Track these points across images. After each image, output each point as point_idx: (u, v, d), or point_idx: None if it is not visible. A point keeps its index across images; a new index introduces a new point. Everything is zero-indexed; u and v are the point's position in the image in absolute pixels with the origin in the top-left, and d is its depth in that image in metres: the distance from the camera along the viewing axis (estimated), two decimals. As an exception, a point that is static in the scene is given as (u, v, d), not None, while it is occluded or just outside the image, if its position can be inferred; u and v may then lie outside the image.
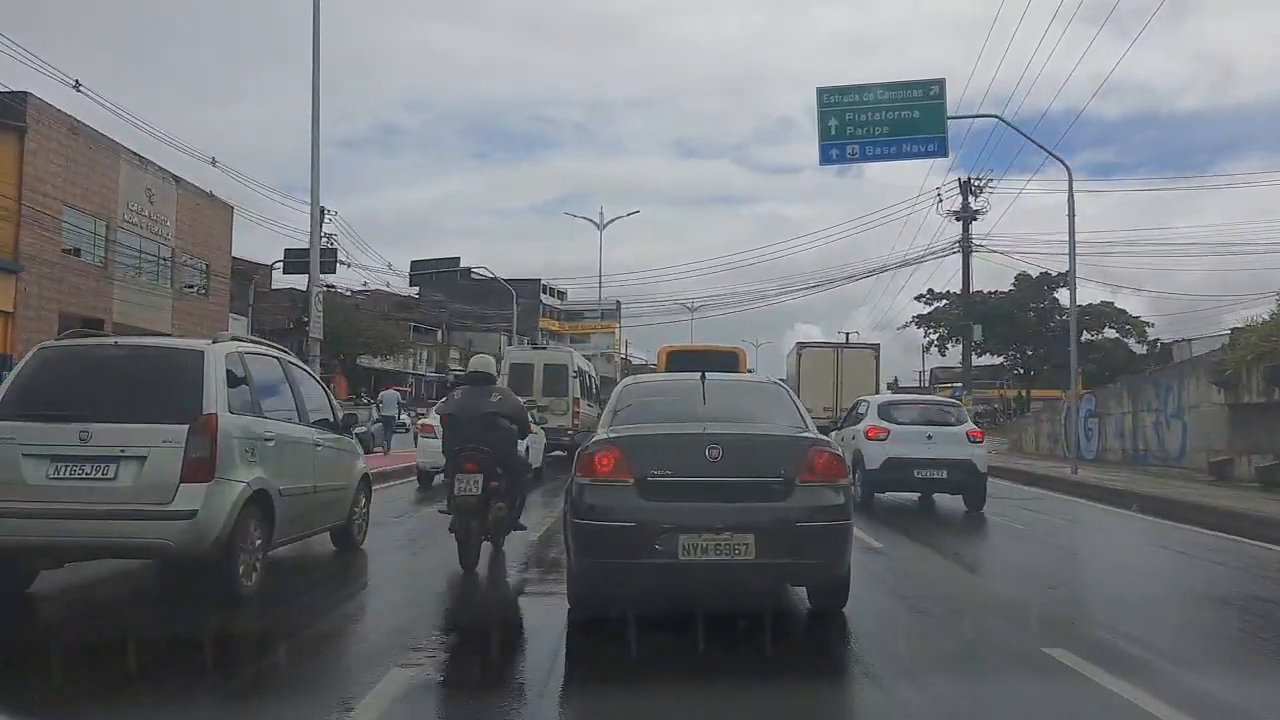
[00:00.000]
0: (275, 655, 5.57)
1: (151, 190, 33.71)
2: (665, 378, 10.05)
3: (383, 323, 55.83)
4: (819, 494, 5.86)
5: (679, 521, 5.63)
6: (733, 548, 5.58)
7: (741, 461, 5.92)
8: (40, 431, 6.43)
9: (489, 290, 66.95)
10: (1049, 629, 6.30)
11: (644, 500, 5.74)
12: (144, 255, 33.66)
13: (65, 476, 6.32)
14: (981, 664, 5.70)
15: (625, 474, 5.81)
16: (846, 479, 6.19)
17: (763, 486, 5.83)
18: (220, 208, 38.60)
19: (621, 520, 5.70)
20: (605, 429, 6.57)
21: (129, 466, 6.34)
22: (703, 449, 5.89)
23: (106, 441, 6.36)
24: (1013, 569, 9.63)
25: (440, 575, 8.09)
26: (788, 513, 5.73)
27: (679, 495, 5.78)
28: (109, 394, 6.62)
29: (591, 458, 5.96)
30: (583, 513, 5.85)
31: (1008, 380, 66.17)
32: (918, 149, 20.27)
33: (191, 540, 6.34)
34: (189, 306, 36.63)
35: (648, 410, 6.86)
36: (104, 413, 6.48)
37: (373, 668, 5.13)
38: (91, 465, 6.35)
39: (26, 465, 6.32)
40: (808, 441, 6.19)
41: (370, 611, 7.21)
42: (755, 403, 7.16)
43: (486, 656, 5.63)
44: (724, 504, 5.74)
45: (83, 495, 6.27)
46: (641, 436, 6.21)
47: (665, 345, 26.90)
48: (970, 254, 40.54)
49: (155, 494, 6.31)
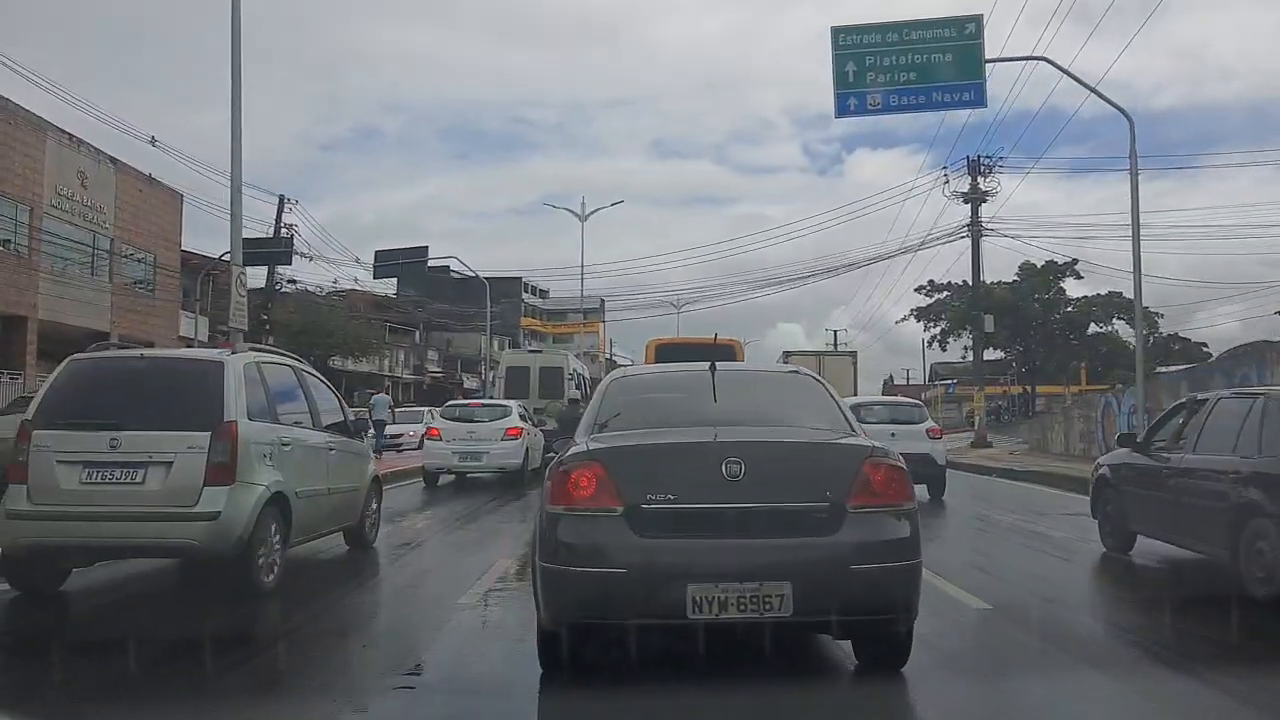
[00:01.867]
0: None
1: (85, 173, 30.52)
2: (663, 370, 7.79)
3: (354, 322, 53.00)
4: (879, 523, 4.50)
5: (687, 566, 4.35)
6: (762, 601, 4.29)
7: (772, 480, 4.55)
8: (73, 439, 6.86)
9: (470, 290, 64.12)
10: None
11: (638, 537, 4.43)
12: (77, 245, 30.46)
13: (97, 481, 6.80)
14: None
15: (612, 500, 4.49)
16: (913, 500, 4.70)
17: (802, 515, 4.49)
18: (168, 195, 35.38)
19: (607, 565, 4.40)
20: (585, 437, 5.13)
21: (156, 471, 6.80)
22: (718, 464, 4.52)
23: (134, 448, 6.81)
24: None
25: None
26: (838, 551, 4.38)
27: (686, 529, 4.46)
28: (136, 403, 7.08)
29: (566, 478, 4.60)
30: (554, 554, 4.52)
31: (1012, 376, 63.56)
32: (950, 98, 17.35)
33: (215, 540, 6.77)
34: (132, 303, 33.45)
35: (642, 413, 5.43)
36: (132, 421, 6.91)
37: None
38: (121, 470, 6.81)
39: (61, 471, 6.82)
40: (861, 450, 4.74)
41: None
42: (783, 400, 5.72)
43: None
44: (749, 541, 4.43)
45: (113, 498, 6.76)
46: (634, 448, 4.83)
47: (653, 338, 24.71)
48: (980, 238, 37.57)
49: (181, 497, 6.77)
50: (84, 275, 31.06)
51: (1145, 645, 5.91)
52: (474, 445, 16.67)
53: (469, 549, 10.22)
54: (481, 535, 11.42)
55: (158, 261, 34.97)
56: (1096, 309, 57.50)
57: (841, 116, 17.41)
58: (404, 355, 67.72)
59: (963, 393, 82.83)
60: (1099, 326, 58.97)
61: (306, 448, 8.09)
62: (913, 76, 16.99)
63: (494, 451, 16.76)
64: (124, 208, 32.53)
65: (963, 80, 16.96)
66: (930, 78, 16.99)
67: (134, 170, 33.14)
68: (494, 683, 5.11)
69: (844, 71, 17.18)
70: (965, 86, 17.07)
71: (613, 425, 5.21)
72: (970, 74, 16.91)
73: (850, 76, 17.16)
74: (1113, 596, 8.06)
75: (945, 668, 5.22)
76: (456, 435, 16.92)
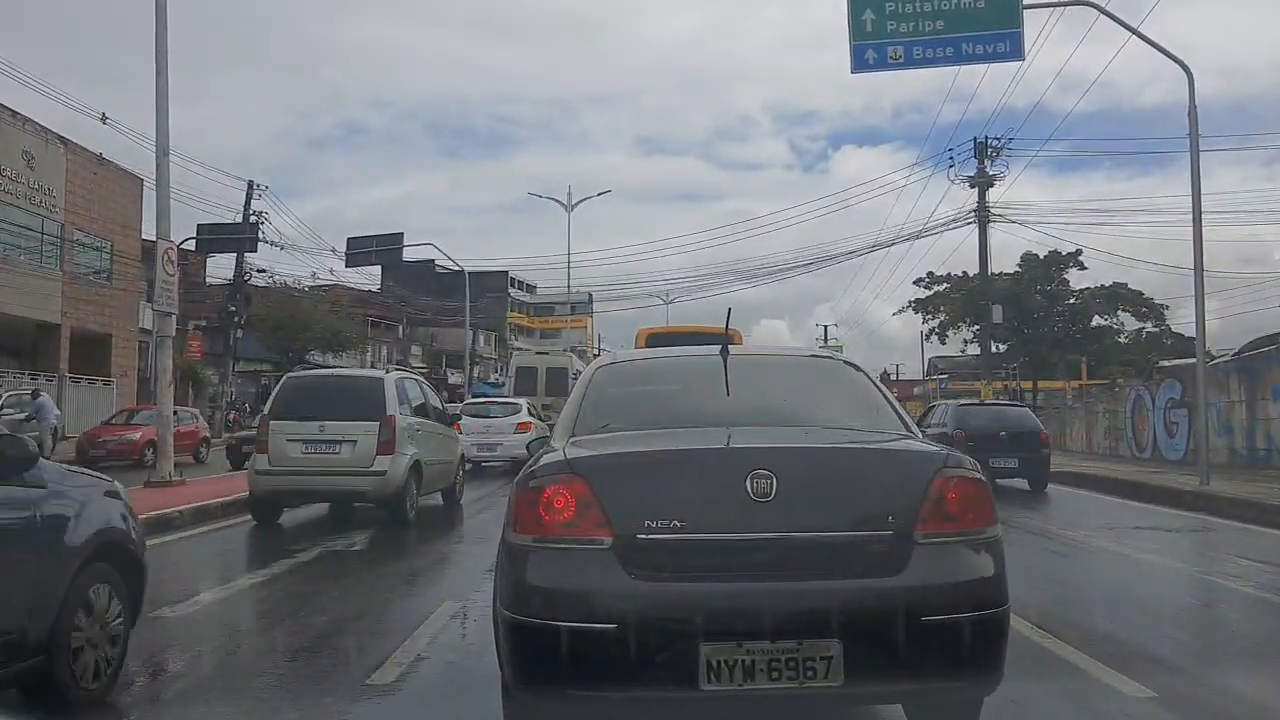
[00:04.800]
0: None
1: (31, 153, 28.34)
2: (662, 355, 6.09)
3: (333, 316, 50.91)
4: (957, 557, 3.30)
5: (700, 620, 3.15)
6: (802, 666, 3.11)
7: (813, 500, 3.32)
8: (296, 427, 11.14)
9: (455, 284, 62.09)
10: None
11: (633, 579, 3.25)
12: (22, 230, 28.26)
13: (311, 453, 11.06)
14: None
15: (598, 527, 3.29)
16: (997, 525, 3.46)
17: (856, 548, 3.28)
18: (126, 180, 33.21)
19: (592, 619, 3.19)
20: (563, 440, 3.92)
21: (347, 446, 11.04)
22: (741, 478, 3.29)
23: (334, 432, 11.06)
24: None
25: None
26: (904, 597, 3.16)
27: (698, 569, 3.27)
28: (333, 404, 11.34)
29: (537, 496, 3.41)
30: (521, 602, 3.34)
31: (1015, 370, 61.82)
32: (982, 49, 15.19)
33: (382, 489, 11.00)
34: (86, 293, 31.31)
35: (637, 409, 4.27)
36: (331, 414, 11.18)
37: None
38: (326, 445, 11.07)
39: (289, 446, 11.09)
40: (932, 459, 3.51)
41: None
42: (817, 393, 4.47)
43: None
44: (783, 584, 3.23)
45: (321, 463, 11.01)
46: (628, 457, 3.60)
47: (644, 326, 24.13)
48: (987, 224, 35.63)
49: (362, 462, 10.97)
50: (31, 263, 28.89)
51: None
52: (490, 438, 19.02)
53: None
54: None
55: (115, 249, 32.80)
56: (1100, 300, 55.70)
57: (859, 72, 15.27)
58: (387, 350, 65.97)
59: (957, 387, 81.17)
60: (1102, 319, 57.20)
61: (428, 432, 12.29)
62: (940, 25, 14.87)
63: (507, 443, 18.84)
64: (75, 191, 30.41)
65: (997, 29, 14.90)
66: (960, 26, 14.85)
67: (86, 151, 30.99)
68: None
69: (861, 20, 15.07)
70: (1000, 36, 14.93)
71: (599, 426, 4.06)
72: (1006, 21, 14.77)
73: (868, 26, 15.04)
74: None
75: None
76: (475, 430, 18.76)
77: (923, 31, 14.98)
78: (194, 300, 41.12)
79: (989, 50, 15.20)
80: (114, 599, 4.58)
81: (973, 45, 15.09)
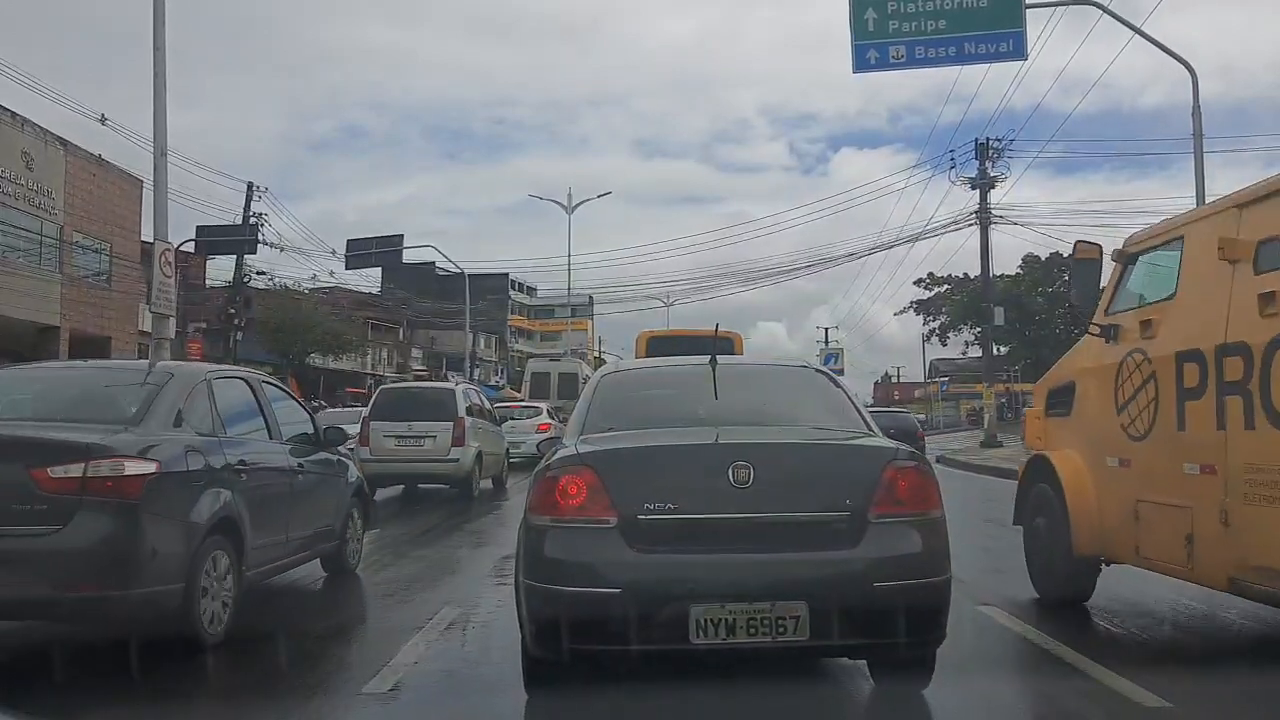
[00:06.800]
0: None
1: (30, 155, 28.22)
2: (659, 364, 7.09)
3: (334, 319, 50.92)
4: (904, 535, 4.07)
5: (690, 585, 3.94)
6: (775, 624, 3.89)
7: (784, 487, 4.14)
8: (390, 426, 14.68)
9: (455, 287, 62.10)
10: None
11: (634, 551, 4.01)
12: (21, 232, 28.18)
13: (402, 446, 14.63)
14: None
15: (605, 510, 4.06)
16: (941, 508, 4.23)
17: (819, 526, 4.08)
18: (126, 182, 33.05)
19: (600, 584, 3.96)
20: (574, 439, 4.66)
21: (429, 440, 14.56)
22: (724, 468, 4.10)
23: (419, 430, 14.60)
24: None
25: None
26: (859, 566, 3.97)
27: (689, 543, 4.05)
28: (417, 407, 15.09)
29: (554, 484, 4.18)
30: (540, 571, 4.10)
31: (1016, 372, 61.72)
32: (985, 49, 15.21)
33: (455, 473, 14.62)
34: (85, 296, 31.18)
35: (637, 411, 5.05)
36: (416, 416, 14.76)
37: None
38: (413, 440, 14.63)
39: (385, 440, 14.58)
40: (884, 452, 4.31)
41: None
42: (791, 397, 5.31)
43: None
44: (759, 555, 4.02)
45: (410, 454, 14.65)
46: (630, 451, 4.41)
47: (645, 330, 25.30)
48: (989, 225, 35.54)
49: (441, 452, 14.51)
50: (30, 265, 28.80)
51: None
52: (517, 437, 21.10)
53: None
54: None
55: (114, 252, 32.69)
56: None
57: (860, 72, 15.28)
58: (387, 353, 65.95)
59: (957, 390, 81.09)
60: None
61: (485, 430, 15.80)
62: (942, 24, 14.86)
63: (529, 441, 20.94)
64: (75, 193, 30.27)
65: (1000, 29, 14.85)
66: (962, 26, 14.87)
67: (85, 152, 30.87)
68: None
69: (863, 20, 15.04)
70: (1003, 36, 14.94)
71: (604, 426, 4.79)
72: (1008, 21, 14.78)
73: (870, 25, 15.01)
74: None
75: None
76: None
77: (925, 31, 14.99)
78: (194, 302, 41.10)
79: (991, 50, 15.22)
80: (361, 516, 8.56)
81: (975, 45, 15.11)
